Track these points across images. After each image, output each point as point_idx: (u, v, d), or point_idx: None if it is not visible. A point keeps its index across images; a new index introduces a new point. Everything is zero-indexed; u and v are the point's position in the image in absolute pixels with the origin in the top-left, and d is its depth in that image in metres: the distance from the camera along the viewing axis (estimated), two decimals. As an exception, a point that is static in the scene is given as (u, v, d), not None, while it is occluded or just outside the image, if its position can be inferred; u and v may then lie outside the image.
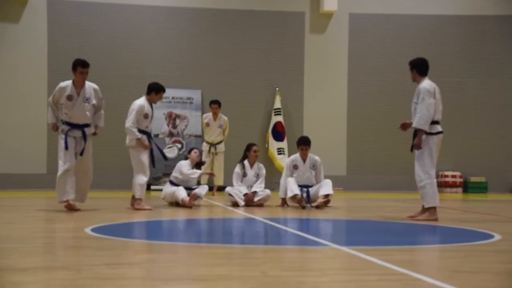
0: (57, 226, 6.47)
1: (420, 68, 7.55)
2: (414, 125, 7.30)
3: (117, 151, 13.73)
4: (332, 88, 15.64)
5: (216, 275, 3.79)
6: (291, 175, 9.51)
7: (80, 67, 7.95)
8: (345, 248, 4.83)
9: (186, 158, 9.81)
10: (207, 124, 12.81)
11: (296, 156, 9.71)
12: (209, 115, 12.88)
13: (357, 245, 5.13)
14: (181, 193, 9.10)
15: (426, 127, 7.22)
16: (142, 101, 8.66)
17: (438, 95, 7.40)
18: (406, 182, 15.42)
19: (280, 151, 15.01)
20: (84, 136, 8.06)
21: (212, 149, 12.70)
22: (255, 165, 9.85)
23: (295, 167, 9.59)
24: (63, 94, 7.94)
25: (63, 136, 7.95)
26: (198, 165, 9.66)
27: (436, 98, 7.33)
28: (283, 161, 14.91)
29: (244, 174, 9.78)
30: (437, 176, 15.71)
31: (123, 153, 9.98)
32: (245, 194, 9.56)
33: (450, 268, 4.05)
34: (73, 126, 7.99)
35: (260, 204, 9.57)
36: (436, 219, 7.28)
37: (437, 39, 15.81)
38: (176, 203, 9.24)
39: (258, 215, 7.93)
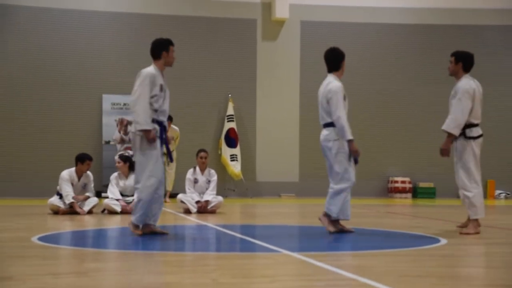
0: (2, 236, 6.30)
1: (467, 63, 6.75)
2: (444, 127, 6.58)
3: (65, 156, 13.47)
4: (285, 94, 15.75)
5: (166, 283, 3.76)
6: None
7: (172, 45, 6.41)
8: (296, 254, 4.86)
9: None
10: None
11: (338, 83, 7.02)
12: None
13: (308, 251, 5.17)
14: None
15: (456, 132, 6.53)
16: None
17: (479, 96, 6.65)
18: (357, 187, 15.62)
19: (233, 157, 15.01)
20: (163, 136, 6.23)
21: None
22: (206, 171, 9.81)
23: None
24: (157, 83, 6.18)
25: (155, 140, 6.07)
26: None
27: (476, 99, 6.60)
28: (236, 167, 14.93)
29: (195, 180, 9.73)
30: (388, 181, 15.98)
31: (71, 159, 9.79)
32: (197, 202, 9.51)
33: (397, 273, 4.12)
34: (160, 125, 6.21)
35: (212, 211, 9.54)
36: (479, 232, 6.55)
37: (387, 47, 16.11)
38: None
39: (211, 222, 7.91)
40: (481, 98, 6.74)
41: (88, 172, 9.44)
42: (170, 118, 12.60)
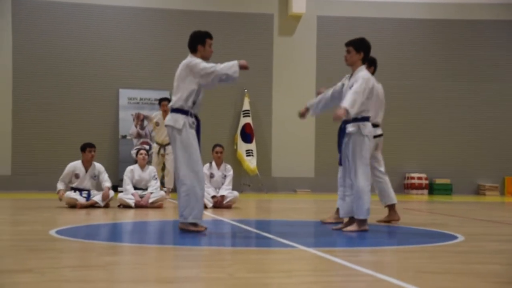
0: (21, 229, 6.37)
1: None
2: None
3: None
4: (301, 90, 15.71)
5: (182, 277, 3.77)
6: None
7: (209, 38, 6.74)
8: (312, 250, 4.86)
9: (135, 162, 9.81)
10: (157, 124, 11.77)
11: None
12: (158, 114, 11.86)
13: (324, 246, 5.16)
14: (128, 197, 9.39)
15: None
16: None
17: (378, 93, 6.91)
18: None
19: (248, 152, 15.02)
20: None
21: (162, 151, 11.74)
22: (222, 166, 9.83)
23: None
24: None
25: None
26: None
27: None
28: (252, 162, 14.94)
29: (211, 175, 9.76)
30: (404, 178, 15.92)
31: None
32: (213, 196, 9.54)
33: (414, 269, 4.11)
34: (196, 118, 6.44)
35: (228, 206, 9.56)
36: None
37: (404, 42, 16.01)
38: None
39: (226, 217, 7.93)
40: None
41: (97, 164, 9.43)
42: (167, 100, 11.37)
